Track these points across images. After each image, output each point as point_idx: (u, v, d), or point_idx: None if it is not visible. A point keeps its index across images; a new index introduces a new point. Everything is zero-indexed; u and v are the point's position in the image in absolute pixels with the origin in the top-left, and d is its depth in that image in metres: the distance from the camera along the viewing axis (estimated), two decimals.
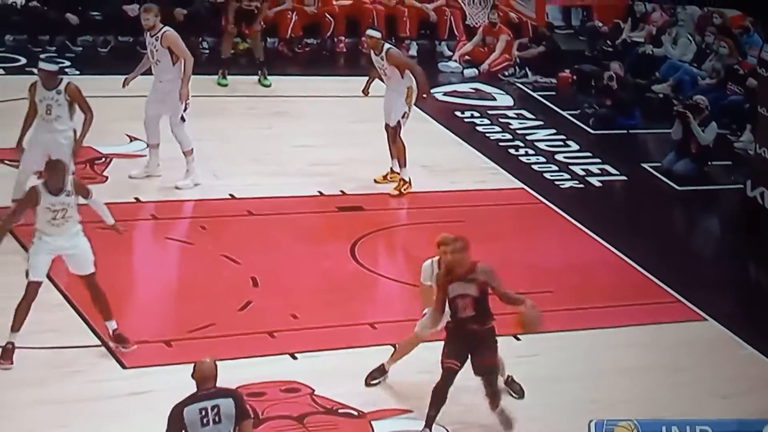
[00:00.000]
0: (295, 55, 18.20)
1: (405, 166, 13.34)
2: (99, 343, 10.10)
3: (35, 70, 12.13)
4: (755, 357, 11.06)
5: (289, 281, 11.46)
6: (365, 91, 13.67)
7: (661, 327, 11.43)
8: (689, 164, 15.06)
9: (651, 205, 14.19)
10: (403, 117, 13.22)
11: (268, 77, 16.53)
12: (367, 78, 13.72)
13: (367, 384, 9.89)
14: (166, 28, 12.82)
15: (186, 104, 12.81)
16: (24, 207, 9.90)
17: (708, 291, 12.17)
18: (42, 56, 13.03)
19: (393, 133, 13.33)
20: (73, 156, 11.57)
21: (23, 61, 16.16)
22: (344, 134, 14.99)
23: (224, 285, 11.05)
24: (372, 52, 13.35)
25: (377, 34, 13.52)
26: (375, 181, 13.60)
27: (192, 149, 12.88)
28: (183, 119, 12.82)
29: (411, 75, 13.28)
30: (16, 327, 9.71)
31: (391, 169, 13.62)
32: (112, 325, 10.00)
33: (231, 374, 9.19)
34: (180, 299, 10.97)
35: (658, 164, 15.24)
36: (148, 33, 12.84)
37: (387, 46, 13.33)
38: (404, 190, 13.36)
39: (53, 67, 11.73)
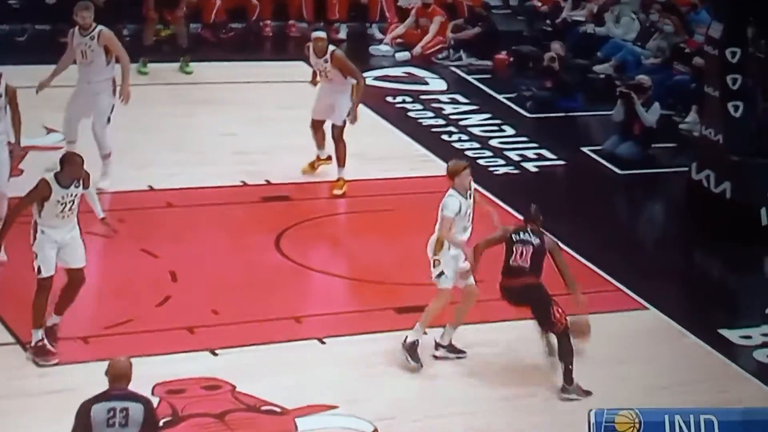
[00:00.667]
0: (220, 40, 18.34)
1: (344, 166, 13.49)
2: (13, 340, 10.27)
3: None
4: (698, 346, 11.33)
5: (210, 275, 11.62)
6: (313, 82, 13.71)
7: (602, 317, 11.51)
8: (632, 147, 15.36)
9: (591, 190, 14.44)
10: (348, 115, 13.34)
11: (190, 64, 16.66)
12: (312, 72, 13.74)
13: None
14: (101, 26, 12.89)
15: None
16: (35, 200, 10.11)
17: (651, 279, 12.42)
18: None
19: (339, 132, 13.44)
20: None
21: None
22: (270, 122, 15.18)
23: (143, 280, 11.29)
24: (313, 54, 13.38)
25: (324, 35, 13.64)
26: (302, 171, 13.66)
27: (110, 153, 12.94)
28: (108, 120, 12.88)
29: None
30: (38, 323, 10.02)
31: (318, 156, 13.71)
32: (54, 319, 10.20)
33: (150, 371, 9.59)
34: (98, 295, 11.09)
35: (600, 148, 15.51)
36: (81, 32, 12.84)
37: (332, 48, 13.42)
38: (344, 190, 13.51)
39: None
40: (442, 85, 17.53)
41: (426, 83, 17.57)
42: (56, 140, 13.66)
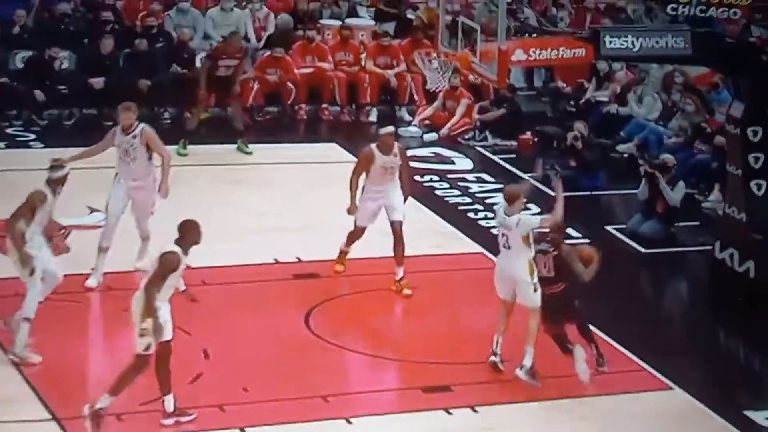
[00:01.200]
0: (256, 123, 18.53)
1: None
2: (50, 417, 10.36)
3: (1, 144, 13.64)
4: (724, 428, 11.18)
5: (241, 353, 11.71)
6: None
7: (627, 397, 11.56)
8: (655, 225, 15.38)
9: (615, 268, 14.23)
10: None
11: (249, 145, 17.10)
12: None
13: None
14: (143, 124, 13.08)
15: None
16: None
17: (675, 359, 12.33)
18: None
19: (400, 229, 13.33)
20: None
21: None
22: (302, 201, 15.40)
23: (176, 357, 11.12)
24: (379, 152, 13.33)
25: (393, 129, 13.78)
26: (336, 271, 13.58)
27: (149, 237, 13.11)
28: (152, 214, 13.08)
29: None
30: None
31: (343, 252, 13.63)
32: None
33: None
34: None
35: (623, 226, 15.54)
36: (123, 132, 12.97)
37: (397, 145, 13.46)
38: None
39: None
40: (468, 164, 17.70)
41: (453, 163, 17.76)
42: (98, 219, 13.92)
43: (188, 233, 10.38)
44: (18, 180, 15.15)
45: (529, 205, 13.75)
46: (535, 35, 17.51)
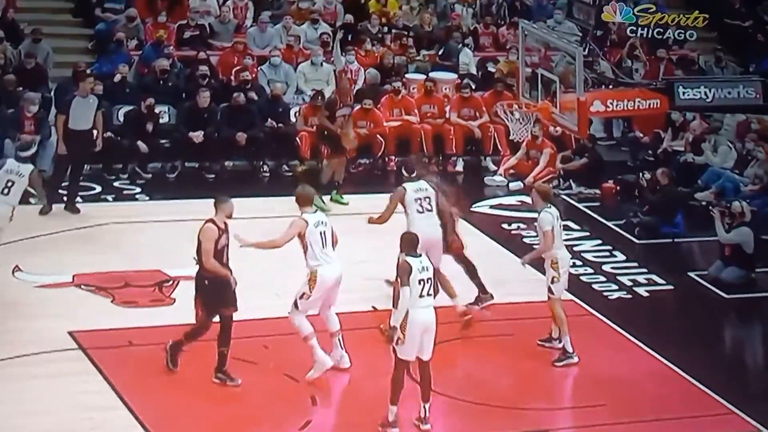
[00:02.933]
0: (350, 174, 18.54)
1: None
2: None
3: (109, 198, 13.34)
4: None
5: (346, 398, 11.74)
6: None
7: None
8: (736, 271, 15.23)
9: (700, 313, 14.29)
10: None
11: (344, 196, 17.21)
12: None
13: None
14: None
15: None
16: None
17: (762, 402, 12.20)
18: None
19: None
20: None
21: (98, 189, 17.11)
22: (393, 251, 15.18)
23: (285, 403, 11.40)
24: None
25: None
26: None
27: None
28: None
29: None
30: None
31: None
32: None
33: None
34: (244, 419, 11.26)
35: (705, 272, 15.41)
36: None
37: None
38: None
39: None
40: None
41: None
42: None
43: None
44: (124, 231, 15.53)
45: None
46: (611, 87, 17.61)
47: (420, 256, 10.84)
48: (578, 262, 15.63)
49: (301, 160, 18.10)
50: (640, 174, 17.14)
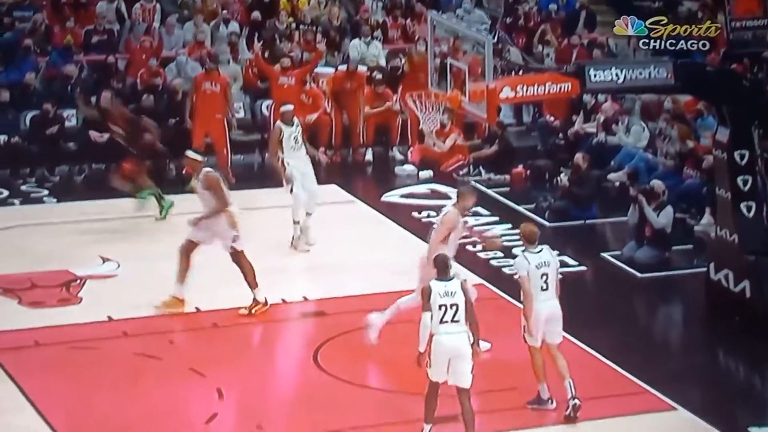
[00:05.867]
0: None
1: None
2: None
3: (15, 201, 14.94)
4: None
5: (254, 392, 11.63)
6: None
7: (631, 419, 11.37)
8: (650, 251, 15.22)
9: (613, 294, 14.27)
10: (234, 241, 13.20)
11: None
12: None
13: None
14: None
15: None
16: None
17: (677, 380, 12.14)
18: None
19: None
20: None
21: (5, 193, 17.31)
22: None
23: (191, 398, 11.38)
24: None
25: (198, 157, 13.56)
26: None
27: None
28: None
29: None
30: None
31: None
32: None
33: None
34: (150, 415, 11.14)
35: (618, 253, 15.34)
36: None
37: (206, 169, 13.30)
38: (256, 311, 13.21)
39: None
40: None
41: (449, 198, 17.30)
42: (111, 269, 14.37)
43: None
44: (31, 233, 15.55)
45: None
46: (521, 73, 17.43)
47: (450, 279, 10.37)
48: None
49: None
50: (560, 170, 16.95)
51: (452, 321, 10.15)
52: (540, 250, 11.25)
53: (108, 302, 13.40)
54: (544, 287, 11.16)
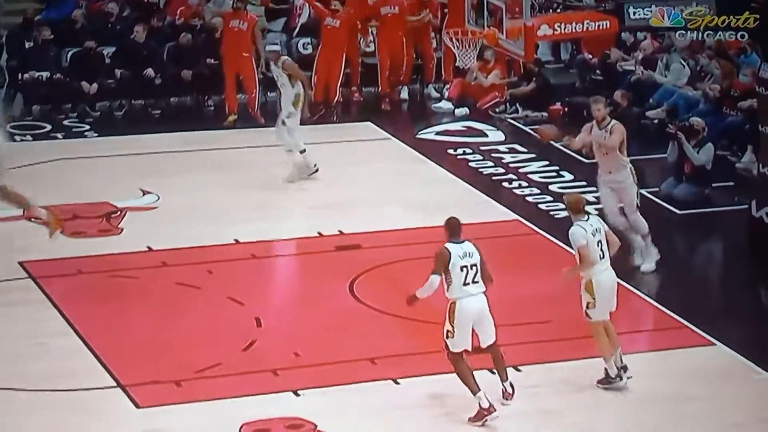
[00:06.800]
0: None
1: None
2: (115, 384, 10.63)
3: (58, 135, 15.53)
4: None
5: (291, 320, 11.84)
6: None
7: (668, 354, 11.43)
8: (689, 187, 15.17)
9: (652, 230, 14.03)
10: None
11: None
12: None
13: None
14: (614, 121, 12.88)
15: None
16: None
17: (716, 316, 12.14)
18: None
19: None
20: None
21: (48, 127, 17.55)
22: (341, 178, 15.51)
23: (230, 326, 11.60)
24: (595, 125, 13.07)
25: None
26: None
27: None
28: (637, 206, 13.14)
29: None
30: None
31: None
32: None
33: (236, 412, 9.98)
34: (188, 341, 11.42)
35: (656, 189, 15.30)
36: (597, 126, 12.82)
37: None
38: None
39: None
40: (500, 136, 17.61)
41: (485, 135, 17.64)
42: (151, 201, 14.68)
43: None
44: (73, 166, 15.90)
45: None
46: (559, 10, 17.31)
47: (463, 242, 10.07)
48: (524, 183, 15.68)
49: None
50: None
51: (473, 282, 9.99)
52: (588, 218, 10.65)
53: (147, 233, 13.67)
54: (602, 255, 10.51)
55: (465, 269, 9.90)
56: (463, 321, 9.89)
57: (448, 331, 9.92)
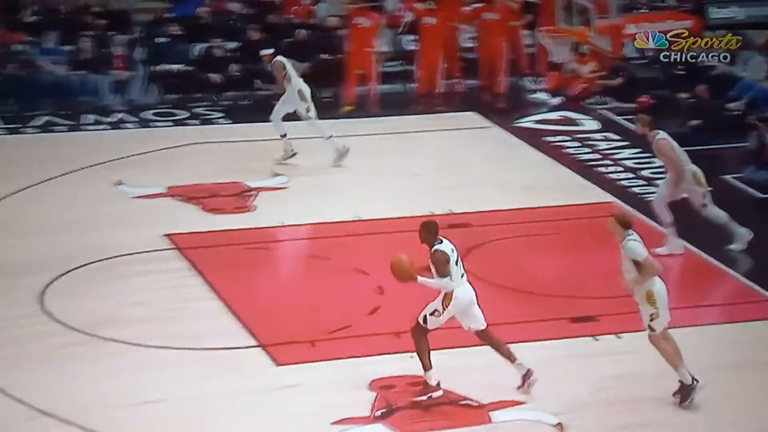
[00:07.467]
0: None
1: None
2: (256, 344, 11.01)
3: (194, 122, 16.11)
4: None
5: (411, 289, 11.67)
6: None
7: (755, 325, 11.64)
8: None
9: (736, 212, 14.14)
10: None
11: None
12: None
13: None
14: (660, 133, 12.75)
15: None
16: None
17: None
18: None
19: None
20: None
21: (185, 114, 18.13)
22: (452, 163, 16.03)
23: (356, 293, 11.94)
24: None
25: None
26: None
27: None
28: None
29: None
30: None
31: None
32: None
33: (364, 370, 10.30)
34: (320, 305, 11.79)
35: (740, 175, 15.41)
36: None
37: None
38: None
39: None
40: (594, 125, 17.77)
41: (580, 124, 17.87)
42: (281, 182, 15.18)
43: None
44: (208, 150, 16.47)
45: None
46: (644, 10, 17.61)
47: (443, 241, 10.04)
48: (619, 169, 15.87)
49: None
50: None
51: (464, 273, 10.11)
52: (632, 234, 9.93)
53: (279, 210, 14.12)
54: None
55: (459, 262, 10.07)
56: (457, 308, 9.99)
57: (435, 310, 9.99)
